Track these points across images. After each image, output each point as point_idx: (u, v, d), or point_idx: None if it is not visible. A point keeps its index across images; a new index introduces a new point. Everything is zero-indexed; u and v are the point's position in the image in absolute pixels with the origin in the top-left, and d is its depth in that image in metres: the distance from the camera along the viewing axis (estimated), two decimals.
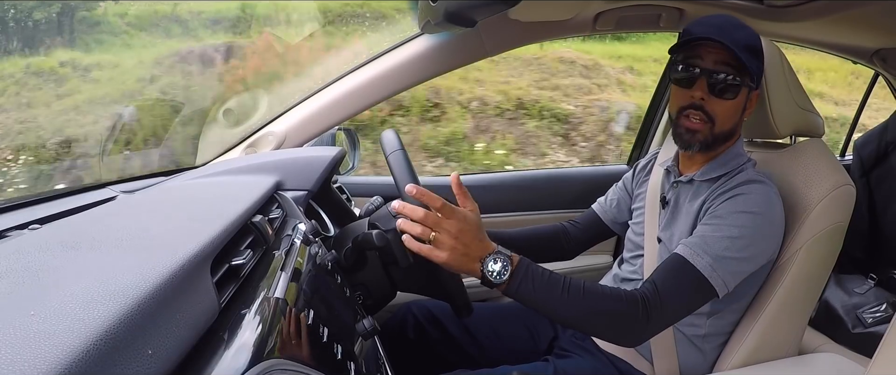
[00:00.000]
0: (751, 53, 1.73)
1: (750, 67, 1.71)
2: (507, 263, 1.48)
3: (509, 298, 1.55)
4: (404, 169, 1.59)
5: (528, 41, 2.69)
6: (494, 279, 1.47)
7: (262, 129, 2.46)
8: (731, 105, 1.77)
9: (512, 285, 1.49)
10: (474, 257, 1.46)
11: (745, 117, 1.85)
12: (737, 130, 1.87)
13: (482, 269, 1.47)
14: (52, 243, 0.95)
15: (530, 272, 1.51)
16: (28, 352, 0.55)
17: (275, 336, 0.89)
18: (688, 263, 1.62)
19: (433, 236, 1.43)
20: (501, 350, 2.12)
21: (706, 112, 1.77)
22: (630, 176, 2.29)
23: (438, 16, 2.10)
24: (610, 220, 2.30)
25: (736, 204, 1.69)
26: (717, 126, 1.78)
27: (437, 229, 1.43)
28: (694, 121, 1.79)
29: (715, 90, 1.75)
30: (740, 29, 1.76)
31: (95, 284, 0.72)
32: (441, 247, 1.43)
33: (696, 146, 1.82)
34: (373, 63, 2.51)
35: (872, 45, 3.36)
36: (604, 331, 1.63)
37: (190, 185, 1.79)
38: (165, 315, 0.72)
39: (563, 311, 1.54)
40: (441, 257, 1.43)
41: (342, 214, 2.21)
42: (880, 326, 2.65)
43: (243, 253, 1.10)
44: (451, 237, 1.43)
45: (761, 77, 1.84)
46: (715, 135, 1.80)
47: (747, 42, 1.74)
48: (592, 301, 1.54)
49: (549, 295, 1.51)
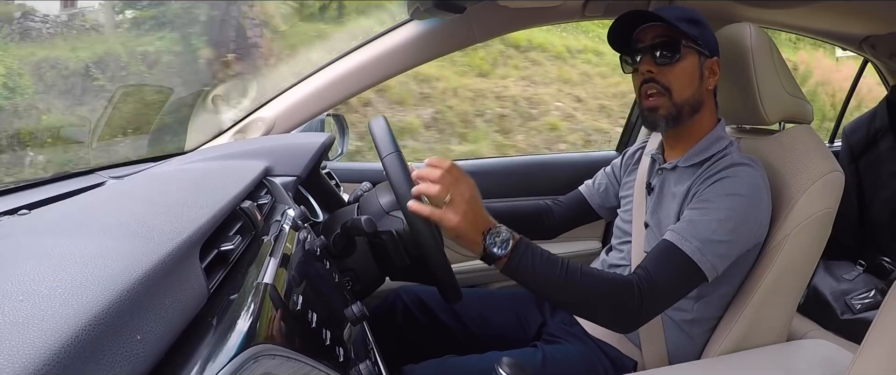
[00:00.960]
0: (687, 22, 1.77)
1: (690, 33, 1.75)
2: (509, 238, 1.49)
3: (507, 277, 1.55)
4: (400, 173, 1.59)
5: (518, 27, 2.70)
6: (496, 252, 1.48)
7: (251, 115, 2.46)
8: (680, 69, 1.80)
9: (512, 261, 1.50)
10: (479, 228, 1.47)
11: (709, 87, 1.86)
12: (704, 103, 1.87)
13: (484, 242, 1.47)
14: (41, 228, 0.95)
15: (530, 250, 1.52)
16: (16, 337, 0.55)
17: (263, 322, 0.89)
18: (676, 248, 1.63)
19: (449, 197, 1.44)
20: (490, 337, 2.12)
21: (659, 83, 1.81)
22: (619, 162, 2.30)
23: (428, 2, 2.10)
24: (596, 204, 2.31)
25: (723, 187, 1.69)
26: (675, 94, 1.81)
27: (452, 190, 1.44)
28: (652, 97, 1.83)
29: (659, 60, 1.80)
30: (672, 9, 1.83)
31: (84, 269, 0.72)
32: (455, 209, 1.44)
33: (662, 122, 1.84)
34: (362, 49, 2.51)
35: (861, 32, 3.37)
36: (598, 315, 1.63)
37: (179, 171, 1.78)
38: (154, 301, 0.72)
39: (560, 293, 1.55)
40: (453, 221, 1.43)
41: (331, 200, 2.20)
42: (869, 312, 2.67)
43: (232, 239, 1.10)
44: (463, 200, 1.44)
45: (714, 45, 1.86)
46: (676, 106, 1.82)
47: (680, 15, 1.79)
48: (589, 284, 1.55)
49: (548, 275, 1.51)
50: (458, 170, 1.47)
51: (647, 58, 1.81)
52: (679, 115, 1.83)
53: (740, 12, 2.74)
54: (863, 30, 3.34)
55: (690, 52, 1.79)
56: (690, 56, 1.80)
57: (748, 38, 1.90)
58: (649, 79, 1.82)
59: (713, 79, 1.86)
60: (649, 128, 1.89)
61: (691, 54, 1.80)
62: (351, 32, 5.61)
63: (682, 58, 1.78)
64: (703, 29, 1.82)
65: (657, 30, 1.80)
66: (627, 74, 1.93)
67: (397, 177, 1.56)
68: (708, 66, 1.84)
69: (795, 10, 2.76)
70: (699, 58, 1.81)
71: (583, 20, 2.76)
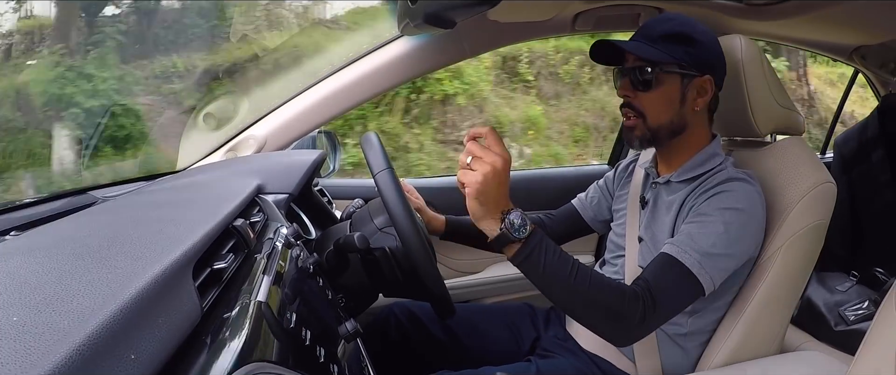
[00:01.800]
0: (670, 41, 1.75)
1: (672, 56, 1.73)
2: (526, 224, 1.48)
3: (515, 266, 1.53)
4: (393, 190, 1.59)
5: (508, 42, 2.71)
6: (513, 233, 1.46)
7: (242, 133, 2.46)
8: (655, 96, 1.79)
9: (524, 249, 1.49)
10: (500, 204, 1.46)
11: (697, 107, 1.83)
12: (688, 123, 1.85)
13: (503, 219, 1.46)
14: (33, 250, 0.94)
15: (545, 242, 1.51)
16: (10, 359, 0.55)
17: (257, 340, 0.89)
18: (676, 261, 1.62)
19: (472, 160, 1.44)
20: (484, 351, 2.12)
21: (634, 108, 1.81)
22: (612, 175, 2.29)
23: (418, 17, 2.11)
24: (589, 218, 2.31)
25: (720, 201, 1.68)
26: (650, 119, 1.80)
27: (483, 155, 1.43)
28: (629, 119, 1.83)
29: (636, 85, 1.79)
30: (663, 22, 1.79)
31: (77, 290, 0.72)
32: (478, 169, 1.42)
33: (636, 142, 1.84)
34: (352, 65, 2.52)
35: (852, 43, 3.39)
36: (599, 324, 1.60)
37: (171, 189, 1.79)
38: (148, 320, 0.72)
39: (565, 293, 1.53)
40: (476, 179, 1.41)
41: (323, 217, 2.21)
42: (862, 323, 2.66)
43: (225, 257, 1.10)
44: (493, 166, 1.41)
45: (707, 63, 1.82)
46: (651, 129, 1.81)
47: (665, 31, 1.76)
48: (596, 290, 1.53)
49: (558, 271, 1.50)
50: (497, 135, 1.46)
51: (626, 80, 1.82)
52: (655, 138, 1.83)
53: (731, 24, 2.75)
54: (853, 40, 3.35)
55: (670, 76, 1.77)
56: (669, 80, 1.77)
57: (739, 50, 1.90)
58: (627, 104, 1.83)
59: (702, 99, 1.82)
60: (628, 144, 1.89)
61: (671, 78, 1.77)
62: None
63: (658, 84, 1.77)
64: (693, 46, 1.78)
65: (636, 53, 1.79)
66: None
67: (390, 194, 1.56)
68: (695, 86, 1.81)
69: (786, 22, 2.77)
70: (681, 80, 1.79)
71: (573, 34, 2.77)
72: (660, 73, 1.76)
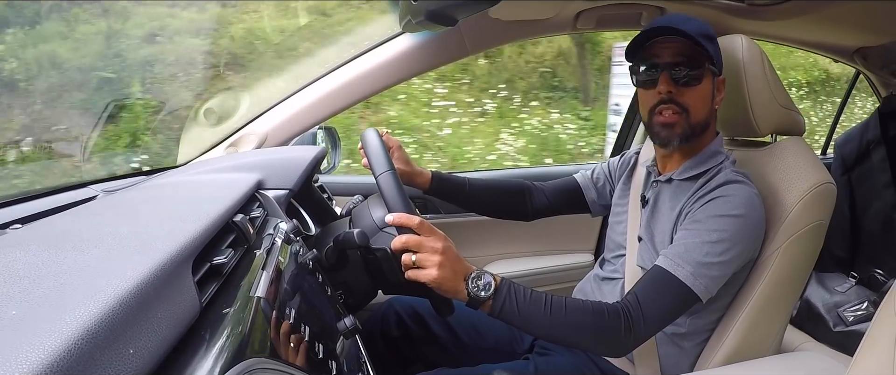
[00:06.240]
0: (706, 39, 1.73)
1: (709, 51, 1.72)
2: (490, 281, 1.49)
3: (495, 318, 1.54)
4: (396, 192, 1.59)
5: (509, 40, 2.70)
6: (480, 295, 1.47)
7: (243, 129, 2.46)
8: (699, 92, 1.78)
9: (497, 303, 1.50)
10: (459, 275, 1.46)
11: (716, 105, 1.85)
12: (711, 121, 1.86)
13: (468, 287, 1.47)
14: (34, 243, 0.94)
15: (513, 290, 1.52)
16: (9, 352, 0.54)
17: (256, 335, 0.89)
18: (669, 274, 1.62)
19: (416, 257, 1.44)
20: (483, 349, 2.12)
21: (678, 104, 1.78)
22: (616, 161, 2.30)
23: (420, 14, 2.10)
24: (590, 199, 2.32)
25: (715, 208, 1.68)
26: (692, 115, 1.79)
27: (420, 249, 1.44)
28: (668, 116, 1.79)
29: (679, 81, 1.76)
30: (689, 21, 1.77)
31: (76, 283, 0.72)
32: (427, 265, 1.43)
33: (676, 140, 1.81)
34: (353, 62, 2.51)
35: (853, 43, 3.38)
36: (589, 345, 1.64)
37: (171, 184, 1.78)
38: (147, 315, 0.72)
39: (548, 328, 1.55)
40: (430, 275, 1.42)
41: (323, 213, 2.20)
42: (861, 324, 2.67)
43: (225, 252, 1.10)
44: (435, 253, 1.44)
45: (721, 63, 1.83)
46: (692, 126, 1.80)
47: (700, 30, 1.73)
48: (575, 317, 1.54)
49: (533, 312, 1.52)
50: (427, 224, 1.47)
51: (666, 76, 1.77)
52: (692, 135, 1.81)
53: (732, 24, 2.75)
54: (855, 41, 3.35)
55: (708, 73, 1.77)
56: (707, 78, 1.78)
57: (740, 50, 1.90)
58: (668, 100, 1.78)
59: (720, 97, 1.85)
60: (660, 145, 1.85)
61: (708, 76, 1.78)
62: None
63: (702, 80, 1.77)
64: (716, 46, 1.80)
65: (676, 46, 1.75)
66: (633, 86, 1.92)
67: (393, 195, 1.56)
68: (718, 85, 1.84)
69: (788, 22, 2.76)
70: (712, 78, 1.80)
71: (574, 32, 2.76)
72: (703, 70, 1.76)
